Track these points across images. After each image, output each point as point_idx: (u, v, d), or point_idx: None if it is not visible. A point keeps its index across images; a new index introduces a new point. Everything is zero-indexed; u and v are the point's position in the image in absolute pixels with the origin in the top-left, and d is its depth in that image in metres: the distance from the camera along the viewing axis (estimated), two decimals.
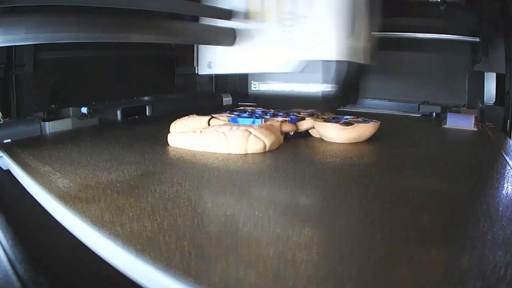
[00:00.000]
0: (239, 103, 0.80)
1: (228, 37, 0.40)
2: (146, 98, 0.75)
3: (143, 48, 0.79)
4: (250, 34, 0.40)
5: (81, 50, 0.66)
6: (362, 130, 0.45)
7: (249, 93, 0.44)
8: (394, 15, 0.71)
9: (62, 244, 0.27)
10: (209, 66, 0.46)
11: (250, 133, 0.40)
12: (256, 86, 0.43)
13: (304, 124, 0.48)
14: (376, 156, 0.42)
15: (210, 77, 0.93)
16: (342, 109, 0.60)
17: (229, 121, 0.48)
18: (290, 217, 0.24)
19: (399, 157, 0.40)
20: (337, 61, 0.40)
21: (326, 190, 0.30)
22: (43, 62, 0.60)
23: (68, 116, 0.59)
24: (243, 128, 0.41)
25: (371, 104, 0.77)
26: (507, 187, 0.31)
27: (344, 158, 0.39)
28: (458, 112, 0.58)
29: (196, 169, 0.34)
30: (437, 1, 0.65)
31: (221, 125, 0.43)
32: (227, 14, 0.39)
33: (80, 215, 0.24)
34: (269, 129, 0.42)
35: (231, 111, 0.52)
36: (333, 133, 0.45)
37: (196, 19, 0.43)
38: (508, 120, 0.59)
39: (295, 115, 0.49)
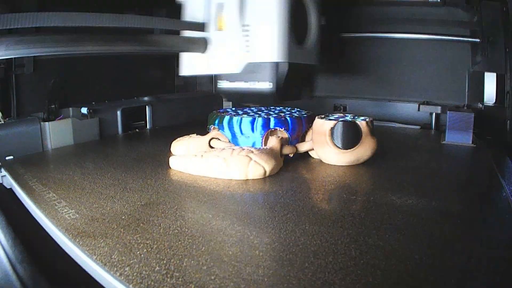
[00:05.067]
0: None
1: (201, 45, 0.48)
2: (146, 98, 0.75)
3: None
4: (214, 42, 0.49)
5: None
6: (361, 153, 0.46)
7: (216, 89, 0.54)
8: (394, 15, 0.73)
9: None
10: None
11: (251, 159, 0.41)
12: (221, 84, 0.52)
13: (304, 146, 0.49)
14: (373, 181, 0.43)
15: (210, 77, 0.94)
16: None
17: (229, 141, 0.49)
18: (290, 256, 0.25)
19: (396, 183, 0.40)
20: (278, 63, 0.47)
21: (323, 224, 0.31)
22: (43, 62, 0.61)
23: (68, 117, 0.59)
24: (244, 153, 0.42)
25: (371, 104, 0.78)
26: (501, 218, 0.32)
27: (342, 184, 0.40)
28: (458, 110, 0.59)
29: (198, 199, 0.35)
30: (437, 1, 0.66)
31: (222, 149, 0.44)
32: (201, 27, 0.48)
33: (90, 253, 0.25)
34: (269, 153, 0.43)
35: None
36: (332, 156, 0.46)
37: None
38: (508, 121, 0.61)
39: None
